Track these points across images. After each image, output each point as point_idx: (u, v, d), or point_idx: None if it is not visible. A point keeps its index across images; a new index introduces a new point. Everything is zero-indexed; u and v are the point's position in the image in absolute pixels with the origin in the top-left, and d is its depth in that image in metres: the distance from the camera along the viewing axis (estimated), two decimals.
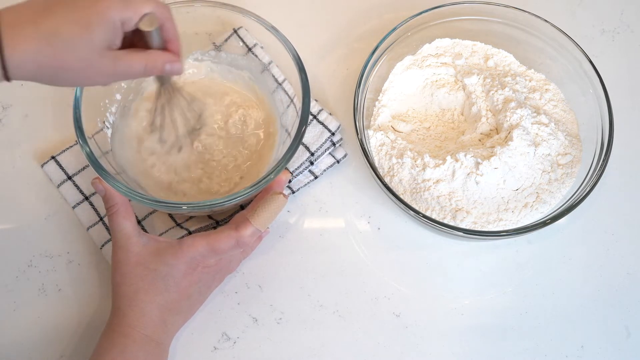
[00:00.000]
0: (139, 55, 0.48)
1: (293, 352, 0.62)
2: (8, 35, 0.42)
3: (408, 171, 0.65)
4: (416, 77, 0.72)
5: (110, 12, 0.45)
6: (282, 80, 0.68)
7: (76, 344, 0.62)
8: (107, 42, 0.46)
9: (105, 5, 0.45)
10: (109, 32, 0.45)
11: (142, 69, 0.49)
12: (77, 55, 0.44)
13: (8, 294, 0.64)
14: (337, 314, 0.64)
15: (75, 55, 0.44)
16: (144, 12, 0.47)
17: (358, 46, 0.79)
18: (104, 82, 0.49)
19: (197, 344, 0.62)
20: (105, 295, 0.64)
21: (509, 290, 0.66)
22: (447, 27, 0.72)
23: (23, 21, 0.43)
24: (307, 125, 0.60)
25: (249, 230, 0.57)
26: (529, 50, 0.72)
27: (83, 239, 0.67)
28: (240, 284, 0.65)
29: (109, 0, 0.45)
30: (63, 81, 0.47)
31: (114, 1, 0.45)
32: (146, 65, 0.49)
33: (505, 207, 0.64)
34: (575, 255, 0.68)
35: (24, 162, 0.70)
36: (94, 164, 0.57)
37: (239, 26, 0.72)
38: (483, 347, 0.63)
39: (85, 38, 0.44)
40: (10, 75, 0.44)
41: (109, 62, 0.46)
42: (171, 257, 0.57)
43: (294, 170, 0.68)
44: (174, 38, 0.51)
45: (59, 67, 0.45)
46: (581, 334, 0.64)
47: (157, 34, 0.49)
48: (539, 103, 0.70)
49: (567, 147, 0.66)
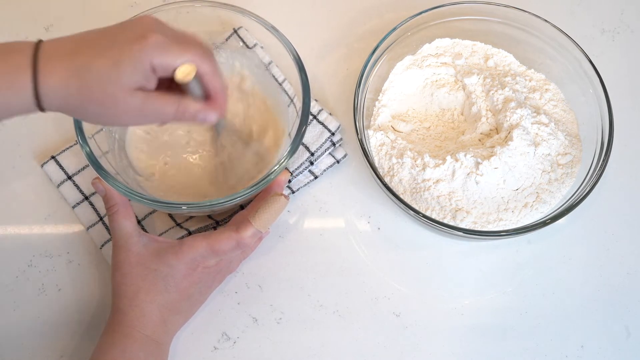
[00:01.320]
0: (171, 99, 0.47)
1: (293, 352, 0.62)
2: (44, 65, 0.43)
3: (408, 171, 0.65)
4: (416, 77, 0.72)
5: (143, 55, 0.44)
6: (282, 80, 0.68)
7: (76, 344, 0.62)
8: (137, 82, 0.45)
9: (140, 48, 0.44)
10: (139, 74, 0.45)
11: (173, 114, 0.48)
12: (104, 90, 0.44)
13: (8, 294, 0.64)
14: (337, 314, 0.64)
15: (102, 90, 0.44)
16: (181, 62, 0.46)
17: (358, 46, 0.79)
18: (133, 122, 0.48)
19: (197, 344, 0.63)
20: (105, 295, 0.64)
21: (509, 290, 0.66)
22: (447, 27, 0.72)
23: (61, 53, 0.44)
24: (307, 125, 0.60)
25: (250, 231, 0.57)
26: (529, 50, 0.72)
27: (83, 239, 0.67)
28: (240, 284, 0.65)
29: (147, 43, 0.44)
30: (89, 114, 0.47)
31: (152, 45, 0.45)
32: (176, 111, 0.48)
33: (505, 207, 0.64)
34: (575, 255, 0.68)
35: (24, 162, 0.70)
36: (94, 164, 0.57)
37: (239, 26, 0.72)
38: (483, 347, 0.63)
39: (113, 75, 0.44)
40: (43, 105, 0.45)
41: (138, 102, 0.46)
42: (172, 257, 0.57)
43: (294, 170, 0.68)
44: (216, 92, 0.49)
45: (85, 100, 0.45)
46: (581, 334, 0.64)
47: (195, 85, 0.48)
48: (539, 103, 0.70)
49: (567, 147, 0.66)
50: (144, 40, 0.44)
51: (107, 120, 0.48)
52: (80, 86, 0.44)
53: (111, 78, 0.44)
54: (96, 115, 0.47)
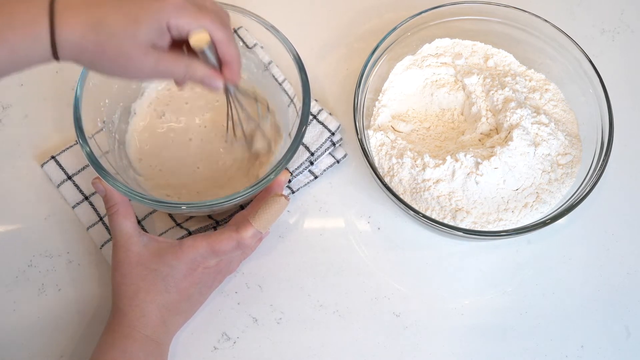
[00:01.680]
0: (182, 61, 0.48)
1: (293, 352, 0.62)
2: (60, 15, 0.43)
3: (408, 171, 0.65)
4: (416, 77, 0.72)
5: (160, 14, 0.45)
6: (282, 80, 0.68)
7: (76, 344, 0.62)
8: (151, 41, 0.46)
9: (159, 6, 0.45)
10: (154, 32, 0.45)
11: (182, 75, 0.49)
12: (118, 46, 0.45)
13: (8, 294, 0.64)
14: (337, 314, 0.64)
15: (117, 46, 0.45)
16: (197, 27, 0.47)
17: (358, 46, 0.79)
18: (146, 78, 0.49)
19: (197, 344, 0.63)
20: (105, 295, 0.64)
21: (509, 290, 0.66)
22: (447, 27, 0.72)
23: (78, 4, 0.44)
24: (307, 125, 0.60)
25: (250, 232, 0.57)
26: (529, 50, 0.72)
27: (83, 239, 0.67)
28: (240, 284, 0.65)
29: (166, 3, 0.45)
30: (102, 69, 0.47)
31: (171, 5, 0.45)
32: (186, 73, 0.49)
33: (505, 207, 0.64)
34: (575, 255, 0.68)
35: (24, 162, 0.70)
36: (94, 163, 0.57)
37: (239, 26, 0.72)
38: (483, 347, 0.63)
39: (129, 32, 0.45)
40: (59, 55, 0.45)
41: (152, 61, 0.46)
42: (172, 257, 0.57)
43: (294, 170, 0.68)
44: (229, 60, 0.50)
45: (99, 54, 0.45)
46: (581, 334, 0.64)
47: (209, 52, 0.49)
48: (539, 103, 0.70)
49: (567, 147, 0.66)
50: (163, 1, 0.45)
51: (121, 74, 0.48)
52: (96, 40, 0.44)
53: (127, 35, 0.45)
54: (109, 69, 0.47)
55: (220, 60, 0.51)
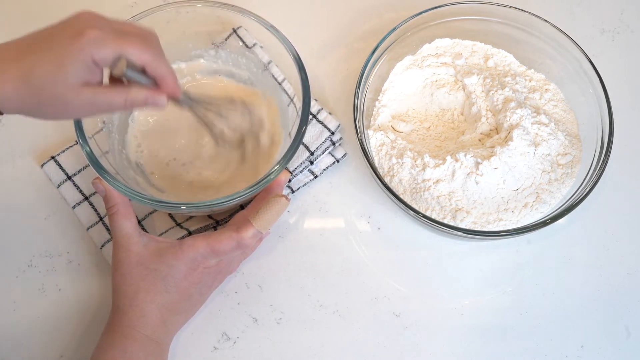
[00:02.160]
0: (119, 90, 0.49)
1: (293, 352, 0.62)
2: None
3: (408, 171, 0.65)
4: (416, 77, 0.72)
5: (81, 53, 0.45)
6: (282, 80, 0.68)
7: (76, 344, 0.62)
8: (81, 79, 0.46)
9: (79, 45, 0.45)
10: (81, 71, 0.46)
11: (123, 103, 0.49)
12: (52, 93, 0.46)
13: (8, 294, 0.64)
14: (337, 314, 0.64)
15: (50, 93, 0.46)
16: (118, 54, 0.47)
17: (358, 46, 0.79)
18: (87, 115, 0.50)
19: (197, 344, 0.62)
20: (105, 295, 0.64)
21: (509, 290, 0.66)
22: (447, 27, 0.72)
23: (7, 59, 0.45)
24: (307, 125, 0.60)
25: (250, 232, 0.57)
26: (529, 50, 0.72)
27: (83, 239, 0.67)
28: (240, 284, 0.65)
29: (84, 40, 0.45)
30: (45, 115, 0.48)
31: (90, 41, 0.45)
32: (126, 100, 0.49)
33: (505, 207, 0.64)
34: (575, 255, 0.68)
35: (24, 162, 0.70)
36: (94, 163, 0.57)
37: (239, 26, 0.72)
38: (483, 347, 0.63)
39: (58, 77, 0.45)
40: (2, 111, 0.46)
41: (87, 98, 0.47)
42: (172, 257, 0.57)
43: (294, 170, 0.68)
44: (161, 77, 0.50)
45: (37, 104, 0.46)
46: (581, 334, 0.64)
47: (135, 74, 0.49)
48: (539, 103, 0.70)
49: (567, 147, 0.66)
50: (80, 37, 0.45)
51: (63, 116, 0.49)
52: (29, 92, 0.45)
53: (56, 80, 0.45)
54: (52, 114, 0.48)
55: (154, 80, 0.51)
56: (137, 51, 0.48)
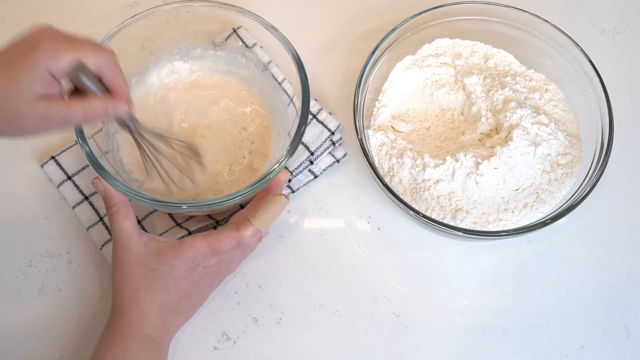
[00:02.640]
0: (77, 102, 0.48)
1: (293, 352, 0.62)
2: None
3: (408, 171, 0.65)
4: (416, 77, 0.72)
5: (36, 64, 0.45)
6: (282, 80, 0.68)
7: (76, 344, 0.62)
8: (38, 92, 0.46)
9: (33, 59, 0.45)
10: (38, 84, 0.45)
11: (81, 115, 0.48)
12: (6, 108, 0.45)
13: (8, 294, 0.64)
14: (337, 314, 0.64)
15: (5, 107, 0.45)
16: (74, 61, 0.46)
17: (358, 46, 0.79)
18: (42, 130, 0.48)
19: (197, 344, 0.62)
20: (105, 295, 0.64)
21: (509, 290, 0.66)
22: (447, 27, 0.72)
23: None
24: (307, 125, 0.60)
25: (250, 231, 0.57)
26: (529, 50, 0.72)
27: (83, 239, 0.67)
28: (240, 284, 0.65)
29: (38, 52, 0.45)
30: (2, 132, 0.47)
31: (43, 52, 0.45)
32: (85, 111, 0.48)
33: (505, 207, 0.64)
34: (575, 255, 0.68)
35: (24, 162, 0.70)
36: (94, 163, 0.57)
37: (239, 26, 0.72)
38: (483, 347, 0.63)
39: (12, 91, 0.45)
40: None
41: (42, 111, 0.46)
42: (172, 257, 0.57)
43: (294, 170, 0.68)
44: (117, 84, 0.50)
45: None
46: (581, 334, 0.64)
47: (90, 81, 0.48)
48: (539, 103, 0.70)
49: (567, 147, 0.66)
50: (35, 50, 0.45)
51: (18, 133, 0.48)
52: None
53: (11, 94, 0.45)
54: (7, 131, 0.47)
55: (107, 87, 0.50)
56: (93, 57, 0.47)
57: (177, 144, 0.62)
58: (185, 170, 0.64)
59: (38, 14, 0.79)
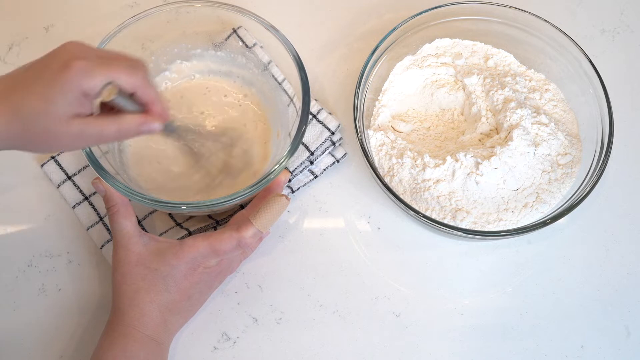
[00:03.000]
0: (111, 120, 0.48)
1: (293, 352, 0.62)
2: None
3: (408, 171, 0.65)
4: (416, 77, 0.72)
5: (70, 84, 0.45)
6: (282, 80, 0.68)
7: (76, 344, 0.62)
8: (71, 111, 0.46)
9: (66, 77, 0.45)
10: (71, 103, 0.46)
11: (115, 132, 0.49)
12: (41, 126, 0.46)
13: (8, 294, 0.64)
14: (337, 314, 0.64)
15: (40, 126, 0.46)
16: (105, 82, 0.46)
17: (358, 46, 0.79)
18: (78, 147, 0.50)
19: (197, 344, 0.63)
20: (105, 295, 0.64)
21: (509, 290, 0.66)
22: (447, 27, 0.72)
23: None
24: (307, 125, 0.60)
25: (251, 231, 0.57)
26: (529, 50, 0.72)
27: (83, 239, 0.67)
28: (240, 284, 0.65)
29: (71, 72, 0.45)
30: (37, 149, 0.49)
31: (77, 72, 0.45)
32: (119, 130, 0.49)
33: (505, 207, 0.64)
34: (575, 255, 0.68)
35: (24, 162, 0.70)
36: (94, 163, 0.57)
37: (239, 26, 0.72)
38: (483, 347, 0.63)
39: (47, 110, 0.45)
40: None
41: (77, 130, 0.47)
42: (172, 257, 0.57)
43: (294, 170, 0.68)
44: (150, 101, 0.50)
45: (28, 138, 0.47)
46: (581, 334, 0.64)
47: (125, 101, 0.49)
48: (539, 103, 0.70)
49: (567, 147, 0.66)
50: (67, 69, 0.45)
51: (54, 149, 0.49)
52: (21, 127, 0.46)
53: (46, 113, 0.45)
54: (44, 148, 0.48)
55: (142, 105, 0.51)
56: (126, 76, 0.47)
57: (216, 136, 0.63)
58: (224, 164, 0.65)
59: (38, 14, 0.79)
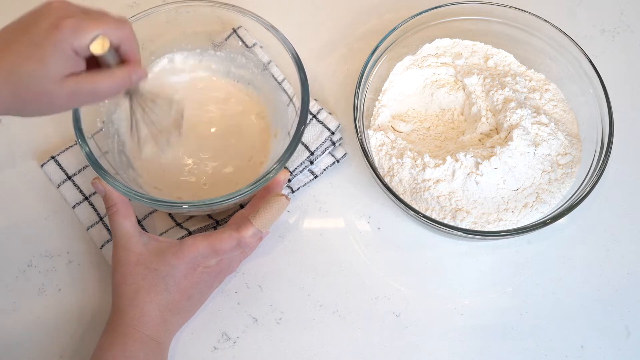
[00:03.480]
0: (102, 74, 0.48)
1: (293, 352, 0.62)
2: None
3: (408, 171, 0.65)
4: (416, 77, 0.72)
5: (60, 44, 0.45)
6: (282, 80, 0.68)
7: (76, 344, 0.62)
8: (65, 71, 0.46)
9: (56, 37, 0.45)
10: (64, 62, 0.45)
11: (108, 87, 0.49)
12: (36, 89, 0.45)
13: (8, 294, 0.64)
14: (337, 314, 0.64)
15: (34, 89, 0.45)
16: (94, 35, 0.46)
17: (358, 46, 0.79)
18: (73, 106, 0.50)
19: (197, 344, 0.63)
20: (105, 295, 0.64)
21: (509, 290, 0.66)
22: (447, 27, 0.72)
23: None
24: (306, 125, 0.60)
25: (251, 231, 0.57)
26: (529, 50, 0.72)
27: (83, 239, 0.67)
28: (240, 284, 0.65)
29: (60, 32, 0.45)
30: (32, 112, 0.48)
31: (68, 31, 0.45)
32: (111, 82, 0.49)
33: (505, 207, 0.64)
34: (575, 255, 0.68)
35: (24, 162, 0.70)
36: (94, 164, 0.57)
37: (239, 26, 0.72)
38: (483, 347, 0.63)
39: (40, 72, 0.45)
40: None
41: (71, 89, 0.46)
42: (172, 257, 0.57)
43: (294, 170, 0.68)
44: (134, 54, 0.50)
45: (21, 102, 0.46)
46: (581, 334, 0.64)
47: (112, 56, 0.48)
48: (539, 103, 0.70)
49: (567, 147, 0.66)
50: (57, 29, 0.45)
51: (48, 112, 0.48)
52: (13, 90, 0.45)
53: (41, 76, 0.45)
54: (37, 111, 0.48)
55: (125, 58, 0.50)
56: (114, 29, 0.47)
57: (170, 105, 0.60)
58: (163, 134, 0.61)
59: None
